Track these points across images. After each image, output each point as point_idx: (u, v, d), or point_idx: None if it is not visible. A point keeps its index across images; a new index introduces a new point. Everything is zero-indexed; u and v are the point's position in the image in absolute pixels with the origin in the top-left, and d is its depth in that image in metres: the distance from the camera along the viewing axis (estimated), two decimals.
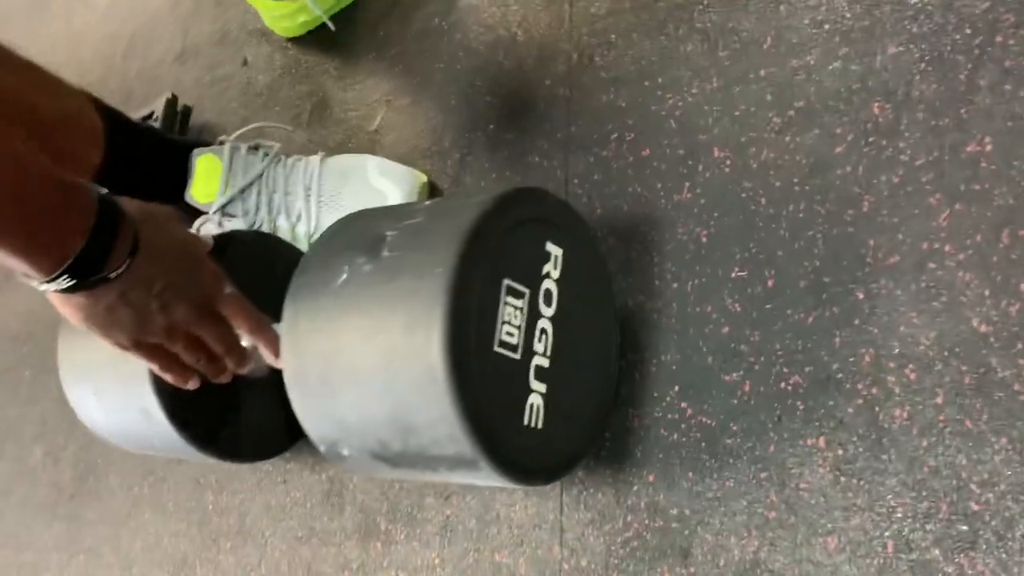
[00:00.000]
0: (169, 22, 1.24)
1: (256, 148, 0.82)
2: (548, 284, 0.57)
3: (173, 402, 0.68)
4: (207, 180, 0.78)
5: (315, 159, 0.82)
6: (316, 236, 0.81)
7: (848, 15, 0.61)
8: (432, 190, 0.81)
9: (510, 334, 0.54)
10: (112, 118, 0.73)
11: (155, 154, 0.77)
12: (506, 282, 0.54)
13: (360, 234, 0.57)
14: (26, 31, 1.56)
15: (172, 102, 1.07)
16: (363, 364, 0.54)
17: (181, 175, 0.78)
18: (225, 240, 0.71)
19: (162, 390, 0.67)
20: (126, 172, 0.74)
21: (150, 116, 1.08)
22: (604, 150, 0.70)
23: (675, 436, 0.60)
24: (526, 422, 0.55)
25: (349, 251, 0.56)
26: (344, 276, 0.55)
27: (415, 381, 0.51)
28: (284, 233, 0.81)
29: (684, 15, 0.70)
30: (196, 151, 0.78)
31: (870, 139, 0.58)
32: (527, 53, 0.80)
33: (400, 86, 0.89)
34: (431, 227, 0.54)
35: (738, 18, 0.66)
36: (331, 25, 0.93)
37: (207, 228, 0.80)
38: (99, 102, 0.74)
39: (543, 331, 0.56)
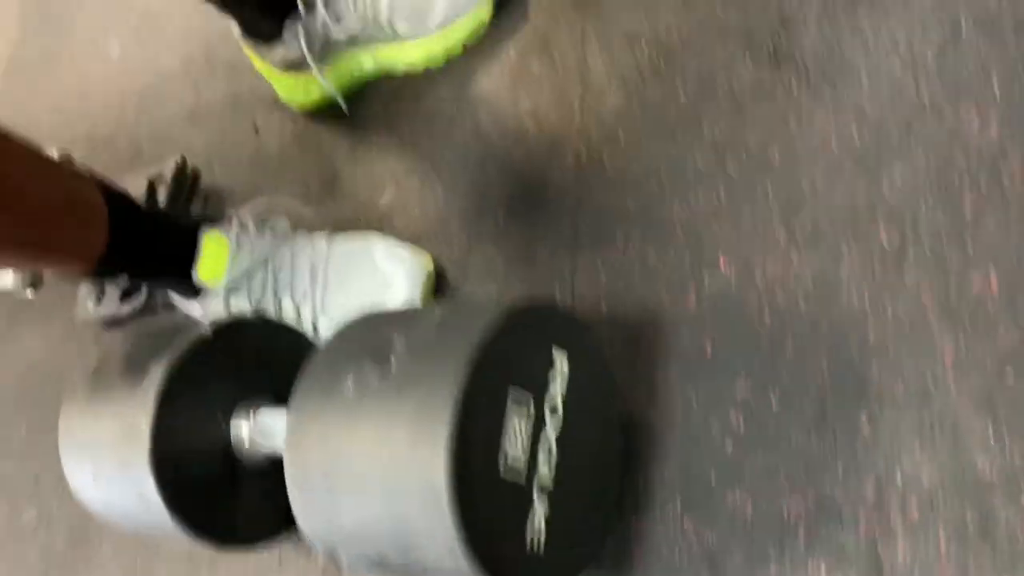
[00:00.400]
0: (181, 81, 1.25)
1: (264, 224, 0.82)
2: (554, 398, 0.57)
3: (172, 488, 0.68)
4: (214, 260, 0.78)
5: (322, 238, 0.82)
6: (320, 318, 0.82)
7: (856, 137, 0.62)
8: (438, 276, 0.81)
9: (515, 454, 0.54)
10: (116, 200, 0.73)
11: (163, 234, 0.77)
12: (512, 398, 0.54)
13: (368, 340, 0.58)
14: (37, 81, 1.57)
15: (182, 165, 1.08)
16: (366, 476, 0.54)
17: (190, 254, 0.78)
18: (228, 326, 0.71)
19: (162, 476, 0.67)
20: (134, 253, 0.74)
21: (159, 176, 1.09)
22: (611, 251, 0.71)
23: (676, 553, 0.59)
24: (528, 539, 0.55)
25: (356, 358, 0.56)
26: (350, 384, 0.55)
27: (418, 499, 0.51)
28: (288, 313, 0.81)
29: (693, 122, 0.71)
30: (204, 229, 0.78)
31: (876, 265, 0.58)
32: (537, 144, 0.80)
33: (410, 166, 0.90)
34: (440, 340, 0.55)
35: (747, 131, 0.67)
36: (344, 107, 0.94)
37: (213, 306, 0.81)
38: (103, 183, 0.74)
39: (548, 448, 0.56)
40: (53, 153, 1.05)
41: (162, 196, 1.06)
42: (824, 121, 0.64)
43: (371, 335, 0.58)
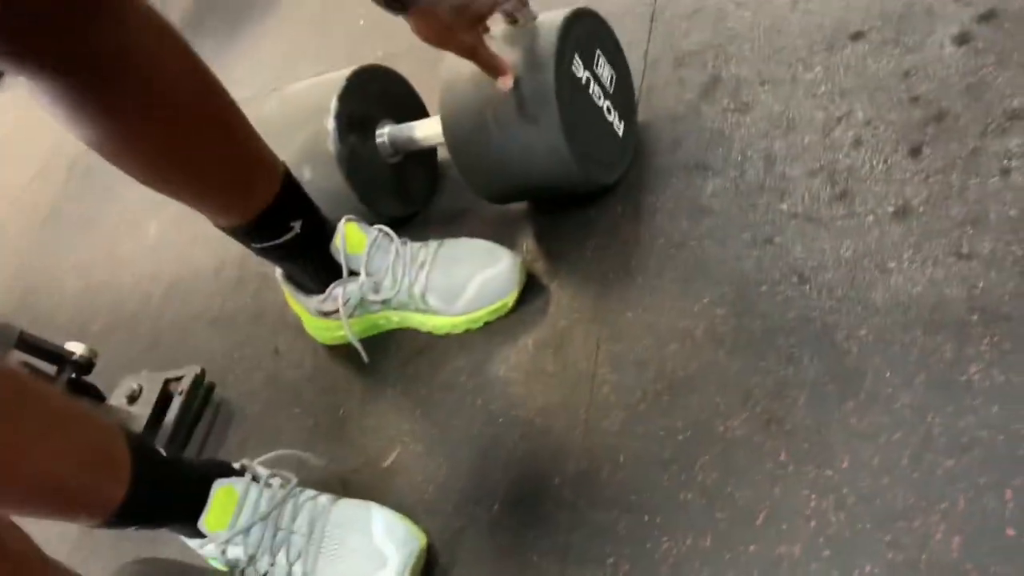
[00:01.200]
0: (211, 282, 1.32)
1: (273, 477, 0.86)
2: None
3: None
4: (221, 511, 0.82)
5: (325, 501, 0.86)
6: None
7: (833, 522, 0.68)
8: (429, 554, 0.85)
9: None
10: (139, 450, 0.78)
11: (179, 484, 0.81)
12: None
13: None
14: (71, 238, 1.65)
15: (200, 377, 1.13)
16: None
17: (200, 502, 0.81)
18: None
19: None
20: (149, 506, 0.78)
21: (177, 382, 1.14)
22: (600, 574, 0.75)
23: None
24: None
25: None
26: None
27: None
28: (280, 569, 0.84)
29: (688, 463, 0.77)
30: (217, 483, 0.82)
31: None
32: (541, 443, 0.86)
33: (418, 430, 0.96)
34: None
35: (736, 485, 0.73)
36: (365, 357, 1.00)
37: (208, 551, 0.83)
38: (129, 434, 0.79)
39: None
40: (77, 349, 1.11)
41: (176, 402, 1.11)
42: (806, 497, 0.70)
43: None
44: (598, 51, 0.95)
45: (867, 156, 0.86)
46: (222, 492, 0.82)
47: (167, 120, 0.75)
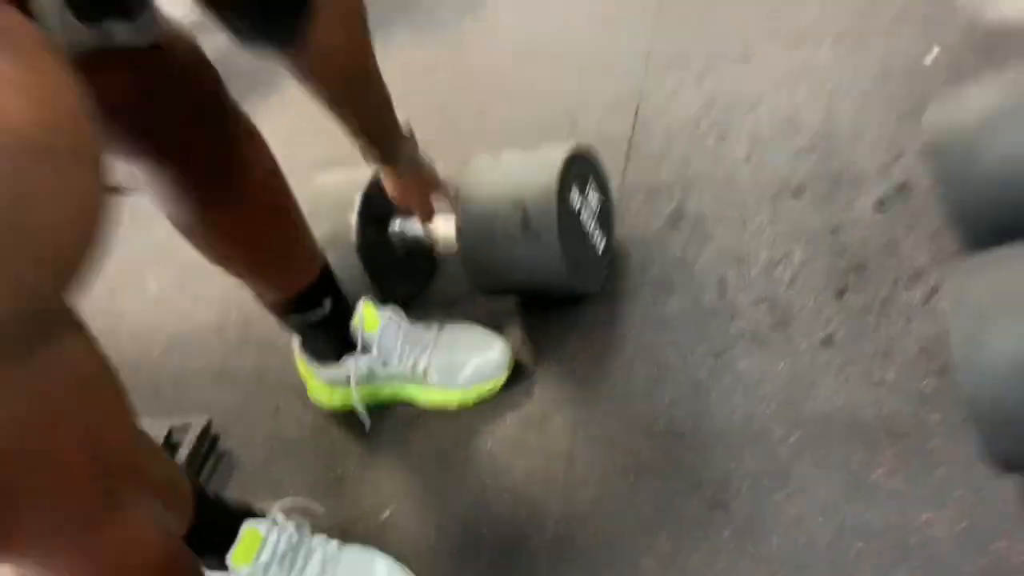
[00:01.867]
0: (212, 340, 1.44)
1: (290, 523, 0.99)
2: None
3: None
4: (247, 549, 0.94)
5: (335, 545, 0.99)
6: None
7: None
8: None
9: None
10: (197, 487, 0.90)
11: (221, 521, 0.93)
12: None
13: None
14: None
15: (207, 427, 1.25)
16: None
17: (231, 538, 0.94)
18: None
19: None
20: (203, 536, 0.90)
21: (183, 429, 1.25)
22: None
23: None
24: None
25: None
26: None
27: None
28: None
29: (649, 533, 0.93)
30: (246, 523, 0.95)
31: None
32: (523, 508, 1.01)
33: (413, 491, 1.10)
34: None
35: (688, 558, 0.90)
36: (366, 424, 1.15)
37: None
38: (187, 470, 0.91)
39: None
40: None
41: (183, 451, 1.22)
42: (744, 569, 0.87)
43: None
44: (590, 181, 1.14)
45: (801, 293, 1.07)
46: (250, 532, 0.94)
47: (249, 213, 0.90)
